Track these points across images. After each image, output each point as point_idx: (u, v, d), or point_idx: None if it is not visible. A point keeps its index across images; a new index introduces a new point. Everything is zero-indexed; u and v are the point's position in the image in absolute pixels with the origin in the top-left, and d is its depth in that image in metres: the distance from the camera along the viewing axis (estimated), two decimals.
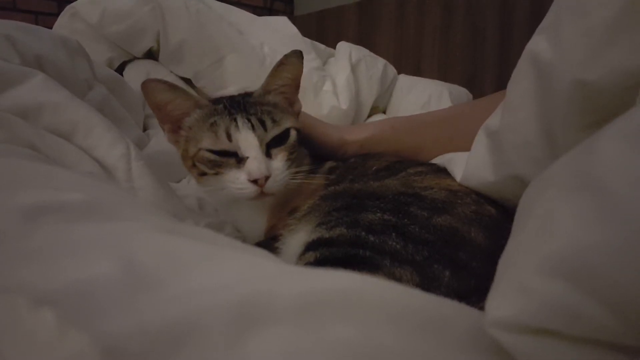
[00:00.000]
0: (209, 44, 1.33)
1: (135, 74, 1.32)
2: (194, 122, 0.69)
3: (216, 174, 0.66)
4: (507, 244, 0.29)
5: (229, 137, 0.65)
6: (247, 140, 0.65)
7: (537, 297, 0.22)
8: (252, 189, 0.64)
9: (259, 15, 1.60)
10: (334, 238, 0.51)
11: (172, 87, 0.69)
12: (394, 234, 0.49)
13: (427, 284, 0.45)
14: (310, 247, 0.52)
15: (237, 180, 0.65)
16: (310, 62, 1.44)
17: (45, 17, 2.89)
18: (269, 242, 0.65)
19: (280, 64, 0.72)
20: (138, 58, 1.37)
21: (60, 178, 0.40)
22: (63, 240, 0.24)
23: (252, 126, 0.66)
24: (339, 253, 0.49)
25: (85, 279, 0.20)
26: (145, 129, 1.23)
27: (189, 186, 0.99)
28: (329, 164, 0.75)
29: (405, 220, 0.51)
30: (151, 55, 1.39)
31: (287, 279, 0.22)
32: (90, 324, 0.18)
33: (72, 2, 1.32)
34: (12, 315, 0.18)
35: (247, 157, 0.65)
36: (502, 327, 0.23)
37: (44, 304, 0.18)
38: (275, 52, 1.39)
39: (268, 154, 0.67)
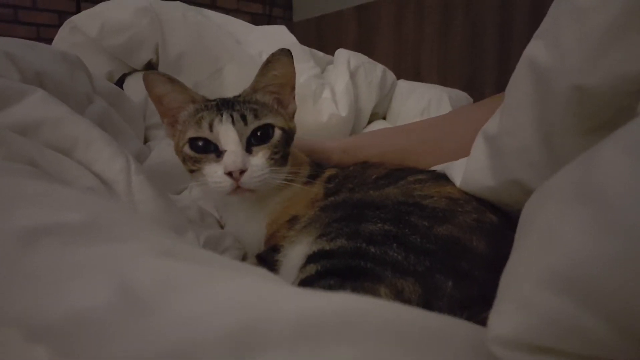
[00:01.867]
0: (208, 55, 1.33)
1: (135, 86, 1.32)
2: (187, 116, 0.72)
3: (198, 169, 0.68)
4: (509, 258, 0.28)
5: (210, 128, 0.67)
6: (227, 134, 0.67)
7: (538, 313, 0.22)
8: (228, 182, 0.65)
9: (258, 21, 1.61)
10: (335, 250, 0.51)
11: (170, 79, 0.72)
12: (395, 244, 0.49)
13: (430, 295, 0.45)
14: (311, 259, 0.52)
15: (215, 174, 0.66)
16: (309, 70, 1.44)
17: (47, 29, 2.92)
18: (270, 254, 0.65)
19: (267, 62, 0.73)
20: (138, 70, 1.37)
21: (58, 196, 0.40)
22: (59, 265, 0.24)
23: (233, 120, 0.67)
24: (340, 265, 0.49)
25: (80, 308, 0.20)
26: (146, 141, 1.24)
27: (190, 197, 0.99)
28: (328, 173, 0.75)
29: (406, 230, 0.51)
30: (151, 67, 1.39)
31: (285, 302, 0.22)
32: (83, 357, 0.17)
33: (72, 14, 1.32)
34: (6, 349, 0.17)
35: (226, 151, 0.66)
36: (504, 344, 0.23)
37: (37, 339, 0.17)
38: None
39: (249, 151, 0.68)
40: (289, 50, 0.74)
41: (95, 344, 0.18)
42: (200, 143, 0.68)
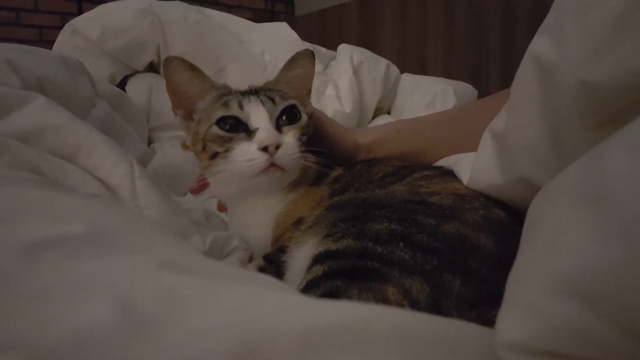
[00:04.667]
0: (210, 54, 1.33)
1: (138, 88, 1.32)
2: (208, 103, 0.72)
3: (226, 151, 0.67)
4: (515, 260, 0.28)
5: (240, 107, 0.68)
6: (257, 112, 0.67)
7: (548, 319, 0.22)
8: (262, 158, 0.65)
9: (260, 17, 1.61)
10: (341, 250, 0.50)
11: (192, 67, 0.72)
12: (401, 243, 0.48)
13: (438, 294, 0.45)
14: (317, 260, 0.52)
15: (247, 151, 0.66)
16: None
17: (49, 30, 2.93)
18: (277, 255, 0.65)
19: (292, 60, 0.77)
20: (140, 72, 1.38)
21: (62, 206, 0.40)
22: (61, 281, 0.23)
23: (262, 101, 0.69)
24: (347, 265, 0.49)
25: (81, 327, 0.19)
26: (150, 143, 1.24)
27: (195, 198, 0.99)
28: (335, 174, 0.75)
29: (413, 229, 0.50)
30: (153, 68, 1.39)
31: (290, 314, 0.21)
32: None
33: (74, 15, 1.33)
34: None
35: (257, 129, 0.66)
36: (513, 350, 0.23)
37: None
38: (276, 59, 1.38)
39: (278, 130, 0.68)
40: (312, 52, 0.76)
41: None
42: (228, 123, 0.68)
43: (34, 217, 0.35)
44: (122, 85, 1.35)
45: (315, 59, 0.77)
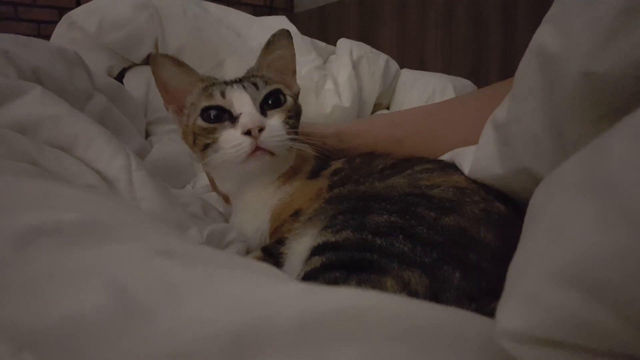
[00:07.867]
0: (208, 48, 1.33)
1: (136, 81, 1.31)
2: (195, 96, 0.73)
3: (213, 141, 0.68)
4: (517, 248, 0.27)
5: (222, 95, 0.68)
6: (240, 98, 0.68)
7: (549, 308, 0.21)
8: (247, 142, 0.65)
9: (260, 13, 1.60)
10: (340, 242, 0.50)
11: (177, 62, 0.73)
12: (401, 236, 0.48)
13: (437, 286, 0.44)
14: (316, 251, 0.51)
15: (232, 137, 0.66)
16: (310, 62, 1.43)
17: (48, 25, 2.91)
18: (275, 247, 0.65)
19: (269, 42, 0.77)
20: (138, 65, 1.37)
21: (58, 195, 0.40)
22: (54, 268, 0.23)
23: (244, 87, 0.69)
24: (346, 257, 0.48)
25: (73, 314, 0.19)
26: (147, 136, 1.23)
27: (193, 191, 0.98)
28: (334, 166, 0.75)
29: (413, 221, 0.50)
30: None
31: (287, 301, 0.21)
32: None
33: (72, 9, 1.32)
34: None
35: (240, 114, 0.66)
36: (513, 338, 0.23)
37: (26, 349, 0.17)
38: None
39: (264, 114, 0.68)
40: (288, 32, 0.76)
41: (87, 351, 0.17)
42: (212, 113, 0.68)
43: (29, 206, 0.34)
44: (119, 78, 1.35)
45: (292, 39, 0.77)
